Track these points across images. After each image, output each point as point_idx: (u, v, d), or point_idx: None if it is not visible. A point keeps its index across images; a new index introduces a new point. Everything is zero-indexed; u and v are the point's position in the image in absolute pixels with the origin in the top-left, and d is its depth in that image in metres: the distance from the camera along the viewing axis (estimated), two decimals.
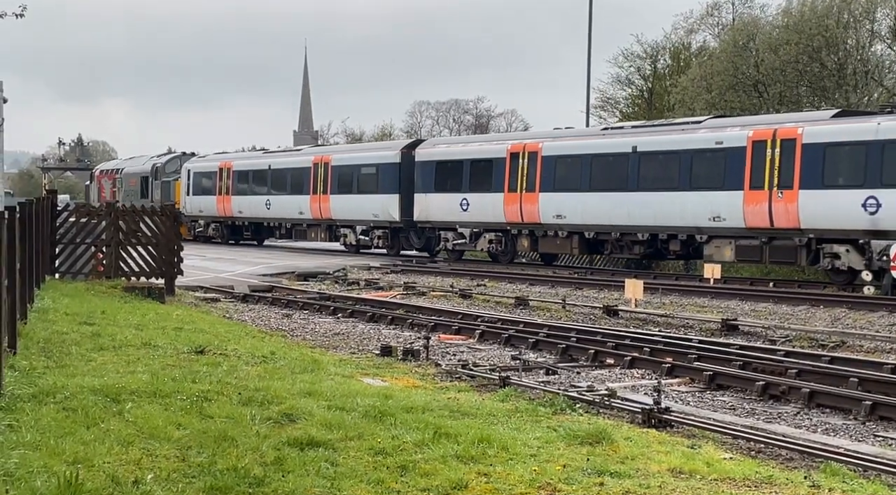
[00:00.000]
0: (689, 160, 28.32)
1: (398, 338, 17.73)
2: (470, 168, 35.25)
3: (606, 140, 31.22)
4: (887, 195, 23.78)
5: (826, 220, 25.16)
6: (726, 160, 27.34)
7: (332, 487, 6.67)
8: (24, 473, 6.28)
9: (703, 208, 27.81)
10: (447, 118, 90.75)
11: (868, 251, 24.39)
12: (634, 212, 29.64)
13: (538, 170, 32.62)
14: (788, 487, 7.24)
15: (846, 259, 25.06)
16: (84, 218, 22.75)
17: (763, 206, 26.39)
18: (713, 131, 28.24)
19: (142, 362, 11.26)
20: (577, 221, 31.53)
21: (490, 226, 34.72)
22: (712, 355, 14.87)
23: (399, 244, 39.60)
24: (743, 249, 27.35)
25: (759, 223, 26.53)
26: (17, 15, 17.29)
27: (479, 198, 34.63)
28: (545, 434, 8.69)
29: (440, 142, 40.73)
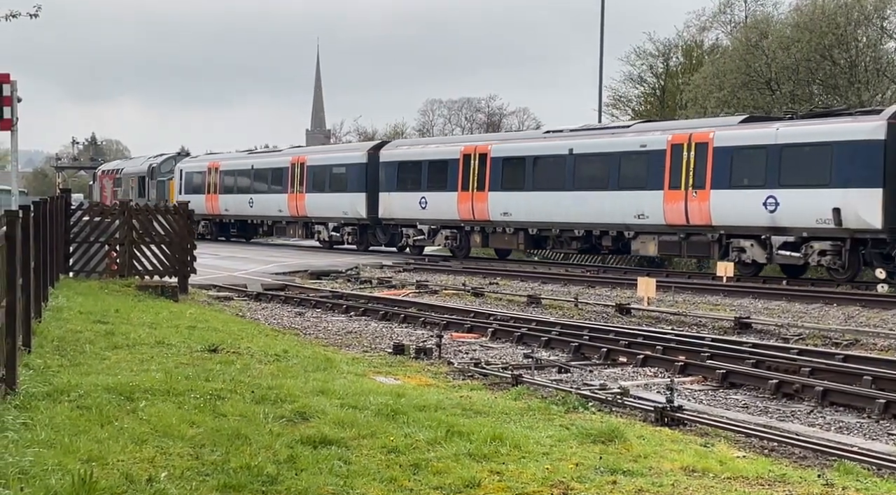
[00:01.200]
0: (618, 162, 30.48)
1: (410, 337, 17.75)
2: (428, 168, 37.43)
3: (547, 142, 33.48)
4: (784, 195, 26.06)
5: (733, 218, 27.39)
6: (649, 162, 29.49)
7: (344, 485, 6.69)
8: (39, 471, 6.31)
9: (629, 207, 29.94)
10: (459, 116, 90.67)
11: (769, 245, 26.75)
12: (571, 210, 31.81)
13: (487, 170, 34.86)
14: (802, 486, 7.22)
15: (751, 253, 27.38)
16: (98, 217, 22.81)
17: (680, 205, 28.65)
18: (638, 135, 30.41)
19: (155, 360, 11.29)
20: (521, 219, 33.73)
21: (446, 223, 36.94)
22: (725, 353, 14.85)
23: (367, 240, 41.59)
24: (664, 244, 29.72)
25: (677, 220, 28.81)
26: (31, 15, 17.37)
27: (436, 196, 36.84)
28: (558, 432, 8.69)
29: (402, 144, 42.60)
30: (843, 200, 25.02)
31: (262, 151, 51.08)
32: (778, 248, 26.75)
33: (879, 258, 25.31)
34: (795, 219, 26.05)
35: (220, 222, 50.15)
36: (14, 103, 18.95)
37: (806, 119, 27.20)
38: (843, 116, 26.40)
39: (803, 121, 27.05)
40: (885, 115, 25.18)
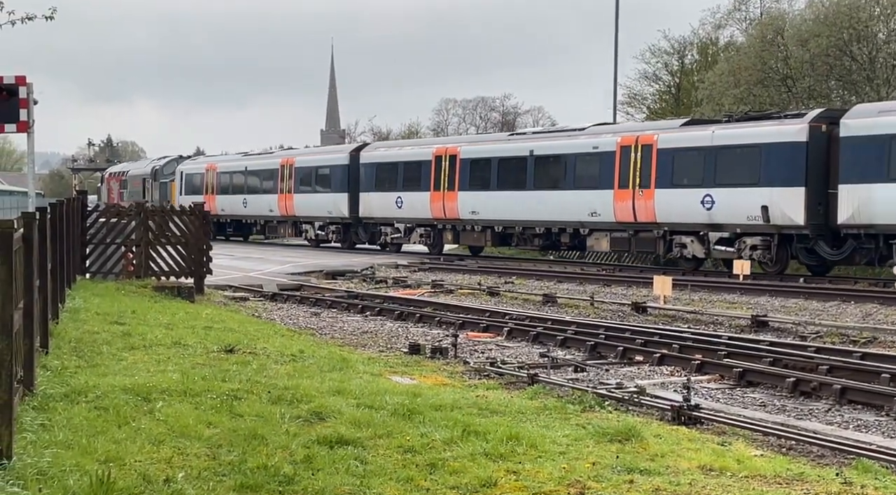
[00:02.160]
0: (574, 163, 32.51)
1: (426, 336, 17.74)
2: (403, 169, 39.51)
3: (510, 144, 35.65)
4: (720, 194, 28.07)
5: (675, 215, 29.40)
6: (601, 163, 31.45)
7: (361, 485, 6.69)
8: (57, 472, 6.33)
9: (584, 205, 31.91)
10: (474, 116, 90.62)
11: (707, 241, 28.86)
12: (532, 208, 33.73)
13: (457, 171, 36.84)
14: (820, 484, 7.19)
15: (691, 248, 29.46)
16: (114, 218, 22.90)
17: (628, 203, 30.60)
18: (592, 137, 32.40)
19: (172, 361, 11.32)
20: (488, 217, 35.80)
21: (421, 222, 38.99)
22: (742, 352, 14.79)
23: (350, 238, 43.55)
24: (616, 241, 31.69)
25: (626, 218, 30.76)
26: (46, 17, 17.43)
27: (411, 196, 38.87)
28: (574, 431, 8.68)
29: (381, 146, 44.68)
30: (771, 199, 26.86)
31: (255, 153, 52.75)
32: (714, 244, 28.71)
33: (803, 252, 27.27)
34: (729, 216, 27.91)
35: (217, 222, 51.33)
36: (30, 105, 19.01)
37: (739, 122, 28.80)
38: (771, 120, 27.97)
39: (736, 124, 28.71)
40: (807, 118, 26.82)
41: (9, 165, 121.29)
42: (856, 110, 26.87)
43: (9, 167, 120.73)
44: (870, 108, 27.18)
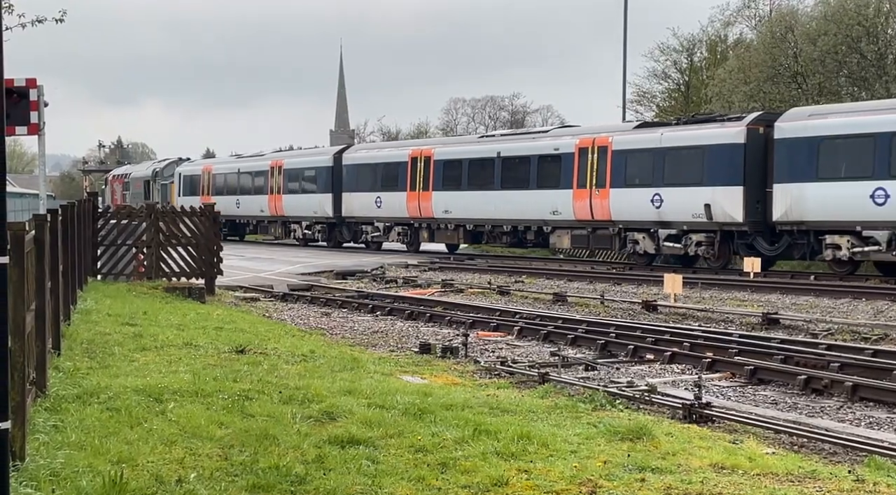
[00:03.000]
0: (537, 164, 34.18)
1: (437, 336, 17.75)
2: (382, 171, 41.21)
3: (480, 146, 37.40)
4: (668, 193, 29.72)
5: (628, 213, 31.04)
6: (561, 164, 33.13)
7: (373, 484, 6.70)
8: (70, 473, 6.35)
9: (546, 204, 33.60)
10: (483, 115, 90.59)
11: (657, 238, 30.54)
12: (500, 207, 35.50)
13: (431, 172, 38.58)
14: (832, 482, 7.17)
15: (643, 244, 31.11)
16: (125, 219, 22.96)
17: (586, 202, 32.29)
18: (553, 139, 34.25)
19: (183, 362, 11.35)
20: (459, 216, 37.50)
21: (398, 221, 40.76)
22: (753, 349, 14.76)
23: (335, 237, 45.03)
24: (576, 238, 33.45)
25: (584, 216, 32.51)
26: (56, 20, 17.48)
27: (389, 196, 40.61)
28: (585, 430, 8.67)
29: (362, 148, 46.30)
30: (713, 197, 28.59)
31: (248, 155, 54.19)
32: (664, 240, 30.43)
33: (743, 247, 28.83)
34: (676, 214, 29.68)
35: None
36: (41, 108, 19.07)
37: (686, 124, 30.64)
38: (714, 123, 29.66)
39: (683, 126, 30.52)
40: (745, 121, 28.44)
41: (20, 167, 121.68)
42: (789, 114, 28.30)
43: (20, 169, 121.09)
44: (801, 111, 28.51)
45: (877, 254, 25.68)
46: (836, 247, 26.41)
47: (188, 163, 59.08)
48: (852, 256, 26.14)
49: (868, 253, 25.80)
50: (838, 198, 25.79)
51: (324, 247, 45.11)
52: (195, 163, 58.89)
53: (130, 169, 70.25)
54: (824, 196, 26.12)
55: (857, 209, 25.39)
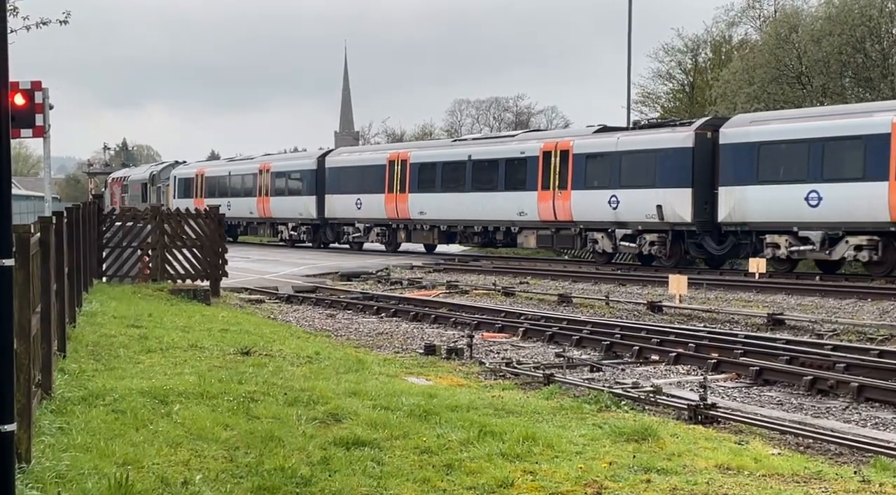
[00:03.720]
0: (504, 167, 35.73)
1: (442, 337, 17.75)
2: (362, 173, 42.73)
3: (453, 150, 39.23)
4: (624, 194, 31.20)
5: (588, 214, 32.60)
6: (527, 167, 34.61)
7: (378, 486, 6.70)
8: (76, 475, 6.36)
9: (513, 205, 35.12)
10: (487, 116, 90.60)
11: (614, 237, 32.13)
12: (471, 209, 37.08)
13: (407, 174, 40.09)
14: (838, 482, 7.16)
15: (602, 244, 32.75)
16: (130, 222, 22.98)
17: (550, 204, 33.82)
18: (520, 143, 35.78)
19: (189, 364, 11.36)
20: (434, 217, 38.99)
21: (377, 222, 42.34)
22: (759, 350, 14.74)
23: (320, 238, 46.53)
24: (541, 238, 34.89)
25: (548, 217, 34.01)
26: (61, 22, 17.52)
27: (368, 198, 42.24)
28: (590, 431, 8.66)
29: (343, 151, 47.95)
30: (664, 199, 30.12)
31: (238, 159, 55.97)
32: (620, 240, 32.02)
33: (693, 246, 30.61)
34: (631, 214, 31.19)
35: None
36: (46, 110, 19.12)
37: (641, 129, 32.25)
38: (666, 127, 31.37)
39: (638, 131, 32.20)
40: (693, 126, 30.14)
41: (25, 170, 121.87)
42: (733, 120, 30.02)
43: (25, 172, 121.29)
44: (744, 118, 30.31)
45: (812, 253, 27.30)
46: (775, 247, 27.88)
47: (183, 167, 60.78)
48: (790, 255, 27.68)
49: (804, 252, 27.35)
50: (776, 200, 27.37)
51: (333, 250, 45.27)
52: (189, 166, 60.40)
53: (129, 172, 71.99)
54: (764, 198, 27.70)
55: (794, 210, 26.99)
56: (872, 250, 25.89)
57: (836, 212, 26.18)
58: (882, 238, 25.72)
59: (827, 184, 26.21)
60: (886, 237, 25.68)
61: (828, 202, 26.25)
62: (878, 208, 25.26)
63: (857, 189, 25.68)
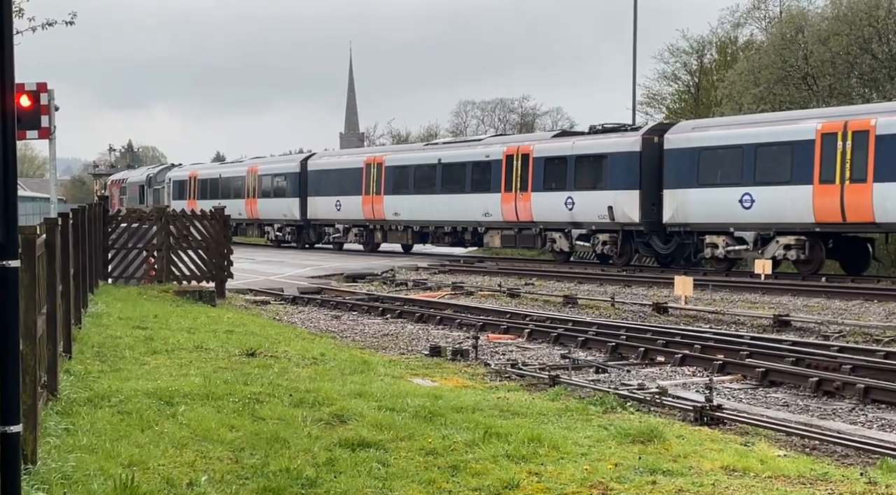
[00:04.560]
0: (471, 170, 37.49)
1: (447, 338, 17.74)
2: (340, 176, 44.54)
3: (425, 153, 40.87)
4: (578, 196, 32.98)
5: (547, 215, 34.31)
6: (491, 170, 36.49)
7: (383, 487, 6.70)
8: (81, 476, 6.36)
9: (479, 207, 36.86)
10: (493, 117, 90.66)
11: (570, 237, 33.97)
12: (441, 210, 38.77)
13: (382, 177, 41.85)
14: (844, 484, 7.14)
15: (560, 243, 34.54)
16: (135, 223, 23.00)
17: (512, 205, 35.53)
18: (485, 147, 37.79)
19: (194, 365, 11.36)
20: (407, 218, 40.71)
21: (356, 223, 44.13)
22: (764, 351, 14.71)
23: (303, 238, 48.10)
24: (505, 237, 36.74)
25: (511, 217, 35.76)
26: (66, 23, 17.55)
27: (347, 200, 43.90)
28: (596, 433, 8.66)
29: (324, 155, 49.54)
30: (615, 200, 31.81)
31: (229, 162, 58.26)
32: (576, 239, 33.91)
33: (642, 246, 32.39)
34: (585, 215, 32.95)
35: None
36: (51, 112, 19.15)
37: (595, 134, 33.90)
38: (617, 132, 33.00)
39: (592, 135, 33.90)
40: (641, 131, 32.10)
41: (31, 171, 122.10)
42: (677, 126, 31.75)
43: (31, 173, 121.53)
44: (687, 124, 32.02)
45: (746, 252, 29.14)
46: (714, 247, 29.87)
47: (177, 169, 62.50)
48: (727, 255, 29.59)
49: (739, 251, 29.27)
50: (714, 202, 29.24)
51: (339, 252, 45.45)
52: (183, 168, 62.16)
53: (127, 174, 73.91)
54: (703, 201, 29.55)
55: (730, 212, 28.80)
56: (800, 250, 27.71)
57: (766, 213, 27.90)
58: (808, 238, 27.47)
59: (758, 187, 27.98)
60: (812, 237, 27.41)
61: (759, 204, 28.00)
62: (804, 210, 26.95)
63: (786, 192, 27.37)
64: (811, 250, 27.62)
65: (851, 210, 26.10)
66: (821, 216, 26.71)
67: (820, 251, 27.71)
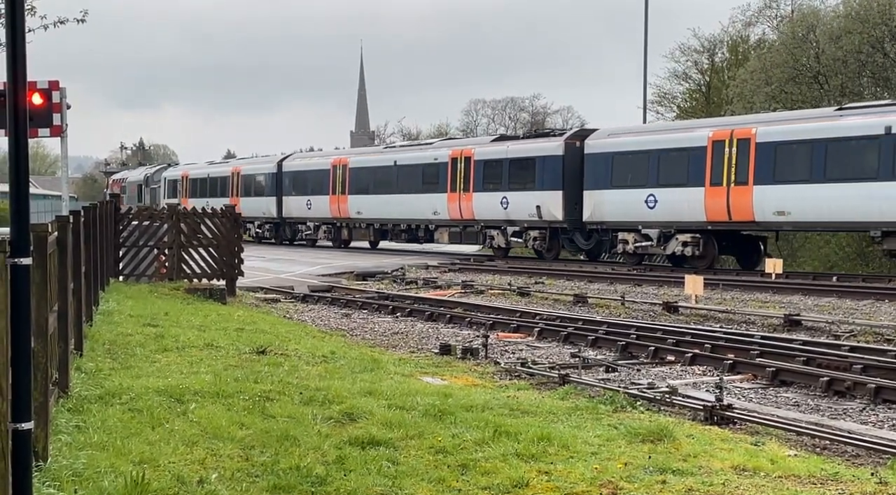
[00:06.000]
0: (422, 171, 40.16)
1: (457, 337, 17.74)
2: (311, 177, 47.30)
3: (383, 156, 43.83)
4: (512, 196, 35.71)
5: (486, 213, 37.16)
6: (439, 171, 39.08)
7: (393, 486, 6.70)
8: (92, 473, 6.38)
9: (429, 206, 39.49)
10: (503, 116, 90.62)
11: (506, 234, 36.50)
12: (398, 209, 41.42)
13: (347, 178, 44.57)
14: (855, 484, 7.13)
15: (498, 240, 37.28)
16: (146, 221, 23.05)
17: (457, 204, 38.30)
18: (434, 150, 40.61)
19: (205, 363, 11.38)
20: (369, 216, 43.51)
21: (324, 221, 46.73)
22: (775, 351, 14.68)
23: (280, 235, 50.55)
24: (452, 235, 40.09)
25: (456, 216, 38.56)
26: (78, 20, 17.59)
27: (317, 199, 46.59)
28: (606, 432, 8.65)
29: (298, 157, 52.01)
30: (542, 200, 34.51)
31: (217, 162, 61.11)
32: (511, 236, 36.40)
33: (567, 242, 35.55)
34: (518, 214, 35.65)
35: None
36: (63, 110, 19.21)
37: (527, 138, 37.64)
38: (544, 137, 36.46)
39: (524, 140, 37.26)
40: (564, 137, 35.16)
41: (43, 169, 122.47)
42: (597, 132, 34.70)
43: (43, 171, 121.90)
44: (604, 130, 34.72)
45: (652, 248, 31.99)
46: (625, 243, 32.58)
47: (171, 169, 65.17)
48: (636, 250, 32.44)
49: (646, 247, 32.08)
50: (625, 202, 32.02)
51: (349, 250, 45.59)
52: (177, 168, 64.91)
53: (127, 174, 75.94)
54: (616, 201, 32.35)
55: (637, 211, 31.67)
56: (695, 246, 30.61)
57: (668, 213, 30.86)
58: (702, 235, 30.53)
59: (661, 189, 30.93)
60: (706, 234, 30.49)
61: (661, 204, 30.93)
62: (698, 210, 30.03)
63: (683, 193, 30.34)
64: (705, 246, 30.57)
65: (736, 210, 28.97)
66: (711, 215, 29.68)
67: (713, 247, 30.61)
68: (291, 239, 50.01)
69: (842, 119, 27.03)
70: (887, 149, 25.72)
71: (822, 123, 27.34)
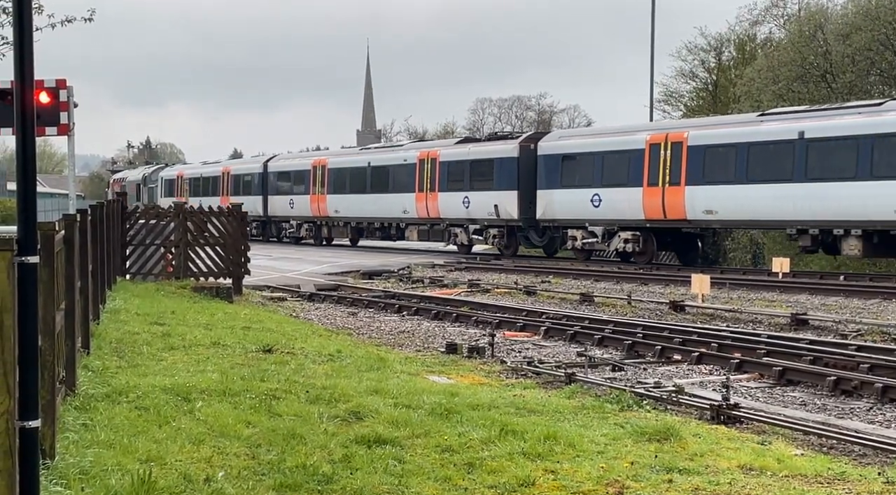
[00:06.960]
0: (393, 172, 42.33)
1: (463, 336, 17.74)
2: (293, 177, 49.67)
3: (359, 157, 46.07)
4: (473, 196, 38.00)
5: (450, 212, 39.35)
6: (408, 172, 41.29)
7: (399, 484, 6.70)
8: (99, 471, 6.39)
9: (400, 205, 41.74)
10: (510, 115, 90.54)
11: (469, 231, 38.89)
12: (371, 208, 43.62)
13: (326, 178, 46.80)
14: (862, 483, 7.11)
15: (461, 237, 39.55)
16: (153, 219, 23.08)
17: (424, 203, 40.41)
18: (404, 152, 42.92)
19: (211, 361, 11.40)
20: (346, 215, 45.70)
21: (306, 219, 48.96)
22: (782, 350, 14.65)
23: (267, 233, 52.56)
24: (420, 232, 41.79)
25: (423, 214, 40.71)
26: (85, 19, 17.59)
27: (299, 198, 48.85)
28: (612, 431, 8.64)
29: (282, 158, 53.96)
30: (499, 199, 36.74)
31: (210, 162, 63.57)
32: (472, 234, 38.78)
33: (522, 239, 37.97)
34: (478, 212, 37.98)
35: None
36: (70, 108, 19.22)
37: (487, 141, 39.64)
38: (501, 140, 38.39)
39: (484, 142, 39.62)
40: (519, 139, 37.30)
41: (50, 168, 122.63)
42: (549, 135, 37.48)
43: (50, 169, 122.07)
44: (556, 133, 37.31)
45: (597, 244, 34.46)
46: (574, 239, 34.95)
47: (168, 169, 67.54)
48: (584, 246, 34.82)
49: (593, 243, 34.51)
50: (573, 201, 34.18)
51: (355, 249, 45.86)
52: (173, 168, 67.41)
53: (127, 173, 77.66)
54: (565, 200, 34.51)
55: (584, 210, 33.86)
56: (636, 243, 32.65)
57: (611, 211, 32.94)
58: (642, 233, 32.67)
59: (605, 188, 33.02)
60: (645, 232, 32.66)
61: (605, 203, 33.04)
62: (637, 208, 31.95)
63: (624, 193, 32.33)
64: (644, 243, 32.79)
65: (670, 208, 31.02)
66: (649, 214, 31.71)
67: (652, 244, 32.86)
68: (278, 236, 51.75)
69: (762, 124, 28.95)
70: (801, 152, 27.65)
71: (745, 128, 29.40)
